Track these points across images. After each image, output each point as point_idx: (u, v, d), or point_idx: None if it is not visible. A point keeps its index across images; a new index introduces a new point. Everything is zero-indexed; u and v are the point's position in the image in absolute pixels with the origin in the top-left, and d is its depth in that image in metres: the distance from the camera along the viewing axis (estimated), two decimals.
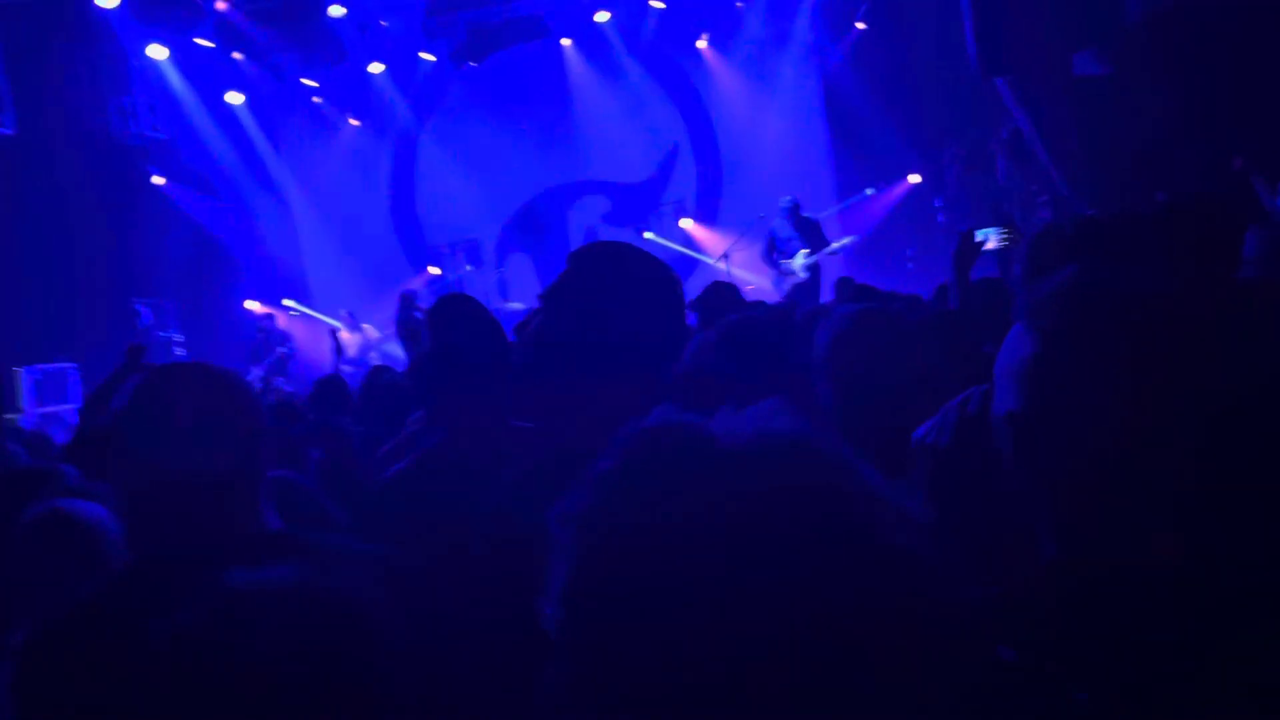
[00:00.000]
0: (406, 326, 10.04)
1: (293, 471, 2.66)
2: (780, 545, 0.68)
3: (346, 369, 10.74)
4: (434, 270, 14.63)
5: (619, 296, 1.70)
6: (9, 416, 10.26)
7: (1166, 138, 7.43)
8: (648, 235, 13.63)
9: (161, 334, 13.26)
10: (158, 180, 13.68)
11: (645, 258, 1.81)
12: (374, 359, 11.26)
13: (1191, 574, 1.00)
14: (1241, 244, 2.33)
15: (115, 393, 3.86)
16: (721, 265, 11.13)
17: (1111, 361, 1.02)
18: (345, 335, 12.22)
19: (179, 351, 13.18)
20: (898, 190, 12.96)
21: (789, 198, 10.56)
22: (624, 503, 0.72)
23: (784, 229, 10.47)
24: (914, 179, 12.79)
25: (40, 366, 10.96)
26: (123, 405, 1.60)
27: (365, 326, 12.45)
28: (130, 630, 1.03)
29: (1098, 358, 1.03)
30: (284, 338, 12.41)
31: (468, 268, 14.34)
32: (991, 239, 5.01)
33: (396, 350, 11.06)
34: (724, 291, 4.34)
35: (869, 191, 12.79)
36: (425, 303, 12.14)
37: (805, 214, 10.54)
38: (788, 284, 10.24)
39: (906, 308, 3.87)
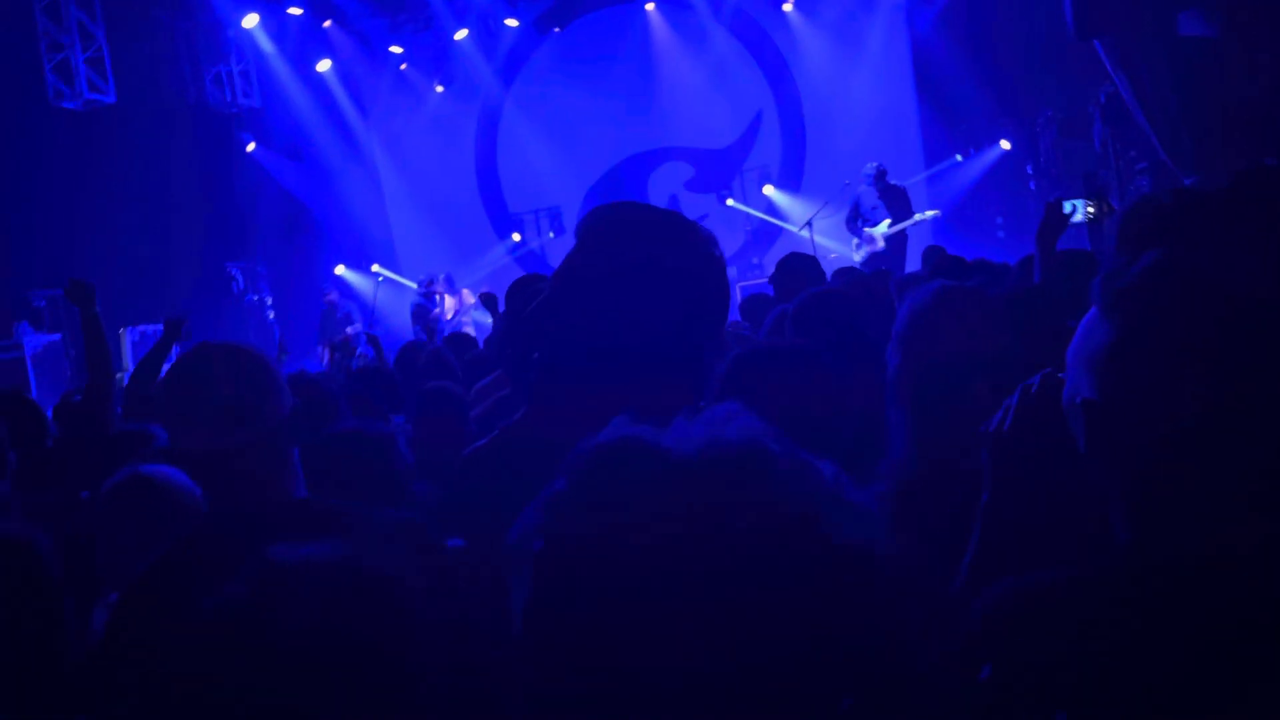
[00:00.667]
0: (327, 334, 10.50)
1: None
2: (733, 553, 0.69)
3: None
4: (516, 237, 14.75)
5: (645, 279, 1.41)
6: (116, 375, 10.69)
7: (1277, 101, 7.07)
8: (730, 202, 13.52)
9: (253, 297, 13.65)
10: (251, 147, 14.04)
11: (671, 223, 1.51)
12: (467, 324, 11.42)
13: (1267, 563, 0.98)
14: None
15: (158, 363, 3.98)
16: (804, 233, 10.97)
17: (1192, 353, 1.01)
18: (447, 299, 12.36)
19: (270, 315, 13.57)
20: (988, 157, 12.60)
21: (875, 164, 10.35)
22: (576, 519, 0.74)
23: (869, 196, 10.28)
24: (1005, 145, 12.40)
25: (140, 327, 11.39)
26: (162, 379, 1.70)
27: (463, 291, 12.58)
28: (183, 601, 1.08)
29: (1179, 349, 1.02)
30: (349, 317, 12.47)
31: (550, 234, 14.42)
32: (1080, 210, 4.83)
33: (485, 317, 11.21)
34: (801, 263, 4.27)
35: (958, 158, 12.46)
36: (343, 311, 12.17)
37: (892, 181, 10.32)
38: (869, 253, 10.07)
39: (990, 280, 3.76)
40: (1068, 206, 3.62)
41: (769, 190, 13.83)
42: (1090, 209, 3.64)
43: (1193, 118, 8.02)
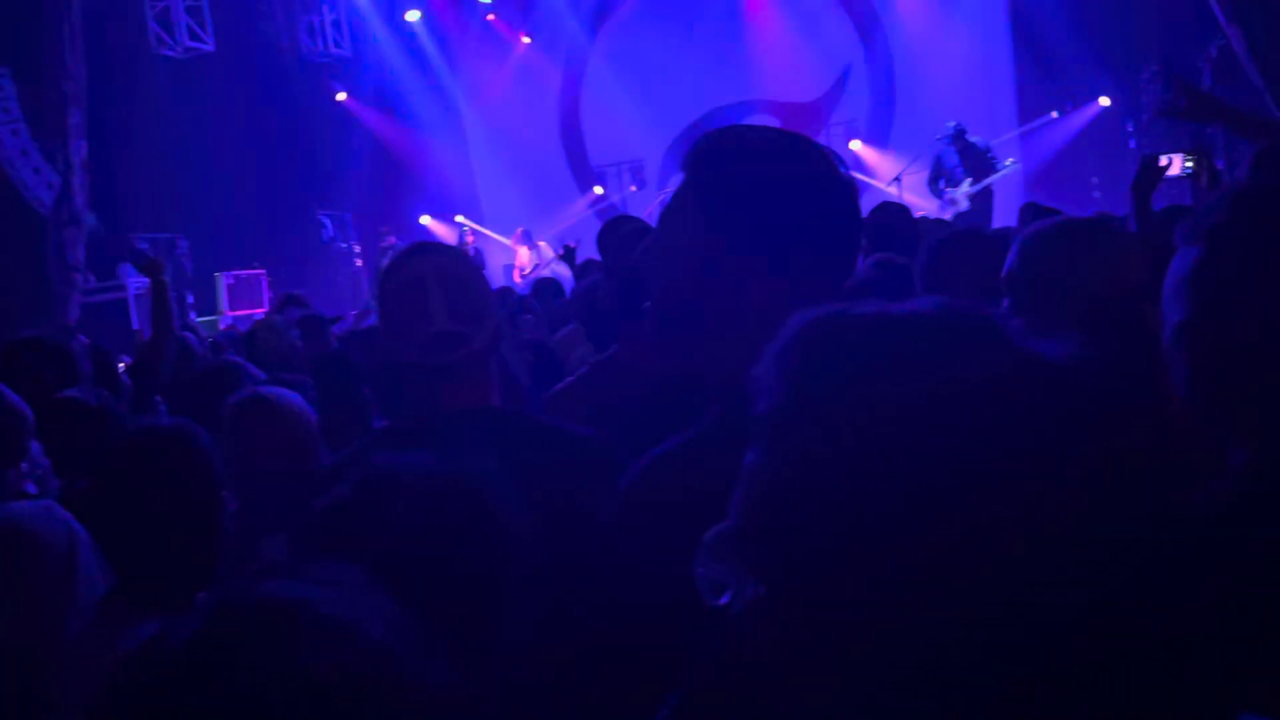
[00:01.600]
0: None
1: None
2: (995, 403, 0.67)
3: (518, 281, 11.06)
4: (598, 190, 14.77)
5: (769, 203, 1.25)
6: (212, 318, 11.08)
7: None
8: None
9: (342, 245, 13.94)
10: (341, 97, 14.27)
11: (790, 143, 1.33)
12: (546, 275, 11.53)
13: None
14: None
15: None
16: (892, 190, 10.78)
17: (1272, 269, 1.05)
18: (523, 252, 12.49)
19: (358, 263, 13.85)
20: (1086, 114, 12.18)
21: (953, 123, 10.11)
22: (823, 384, 0.71)
23: (949, 156, 10.06)
24: (1104, 102, 11.98)
25: (235, 272, 11.74)
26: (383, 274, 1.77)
27: (541, 244, 12.69)
28: (320, 497, 1.20)
29: (1260, 266, 1.06)
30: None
31: (632, 188, 14.41)
32: (1176, 162, 4.66)
33: (565, 270, 11.27)
34: (894, 212, 4.22)
35: (1054, 114, 12.07)
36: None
37: (972, 139, 10.08)
38: (954, 214, 9.87)
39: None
40: (1165, 159, 3.50)
41: (856, 145, 13.60)
42: (1189, 163, 3.50)
43: None
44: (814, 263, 1.25)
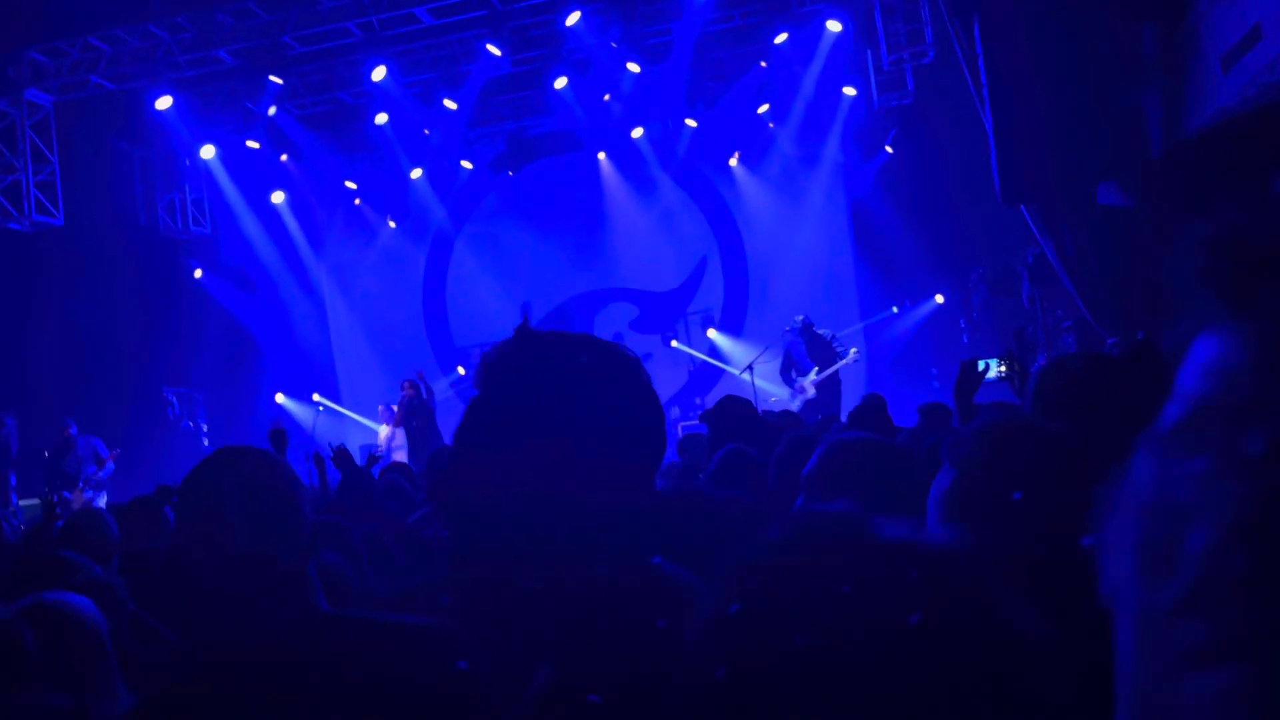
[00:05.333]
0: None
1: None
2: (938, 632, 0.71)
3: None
4: (461, 370, 14.79)
5: (564, 420, 1.20)
6: (36, 501, 10.34)
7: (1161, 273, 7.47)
8: (674, 344, 13.76)
9: (188, 423, 13.42)
10: (198, 274, 14.06)
11: (587, 349, 1.29)
12: (397, 453, 11.34)
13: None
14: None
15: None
16: (745, 376, 11.19)
17: (1012, 488, 1.29)
18: (383, 430, 12.25)
19: (205, 442, 13.33)
20: (923, 310, 13.07)
21: (801, 316, 10.79)
22: (775, 587, 0.75)
23: (798, 346, 10.65)
24: (939, 300, 12.90)
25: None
26: (181, 486, 1.65)
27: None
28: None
29: (1002, 486, 1.30)
30: (86, 455, 10.58)
31: None
32: (993, 368, 5.03)
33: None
34: (736, 405, 4.36)
35: (894, 310, 12.91)
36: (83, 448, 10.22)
37: (819, 331, 10.70)
38: (803, 400, 10.33)
39: (909, 440, 3.90)
40: (981, 365, 3.81)
41: (712, 333, 14.14)
42: (1002, 367, 3.85)
43: (1112, 281, 8.45)
44: (615, 474, 1.19)
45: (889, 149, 13.16)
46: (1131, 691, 0.53)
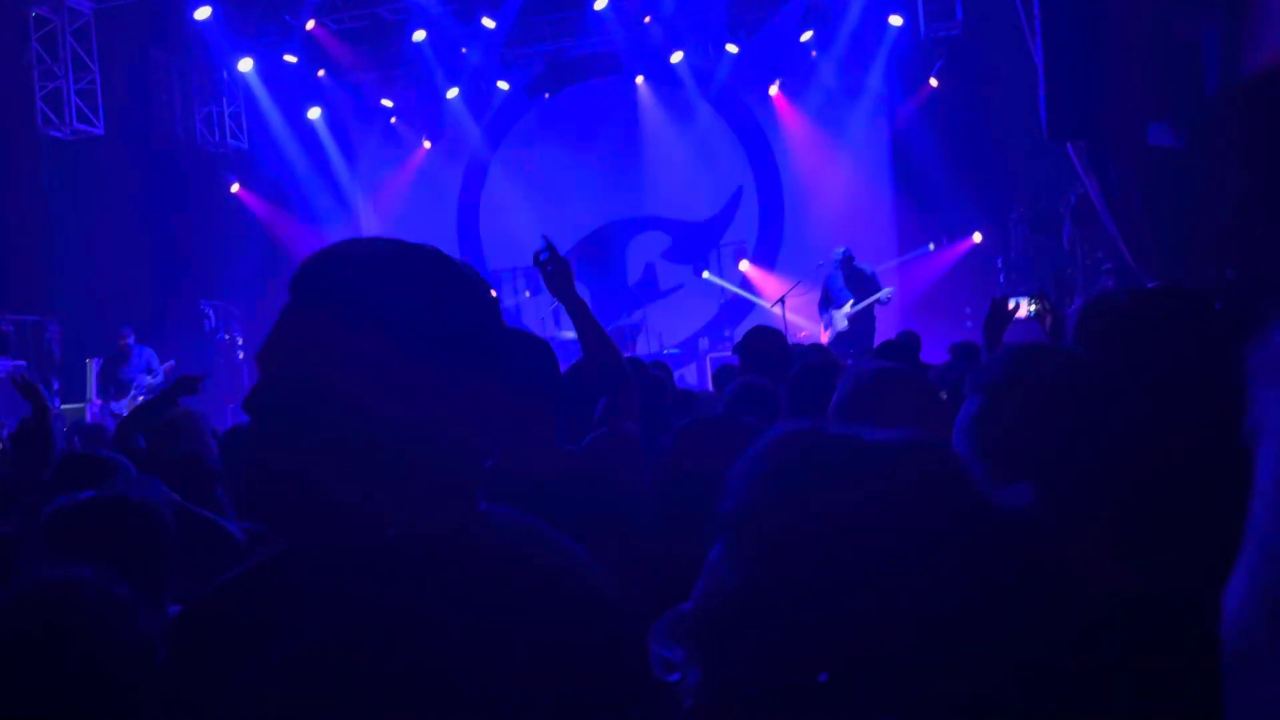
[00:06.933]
0: None
1: None
2: (920, 527, 0.73)
3: None
4: (493, 294, 14.79)
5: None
6: (79, 405, 10.58)
7: (1241, 216, 7.31)
8: (706, 275, 13.70)
9: (224, 336, 13.58)
10: (235, 188, 14.11)
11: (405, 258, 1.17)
12: None
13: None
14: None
15: (158, 412, 3.97)
16: (776, 310, 11.14)
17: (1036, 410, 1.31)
18: None
19: (240, 355, 13.49)
20: (960, 247, 12.90)
21: (843, 249, 10.61)
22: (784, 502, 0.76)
23: (836, 280, 10.53)
24: (977, 238, 12.72)
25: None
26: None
27: None
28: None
29: (1029, 408, 1.31)
30: (143, 368, 11.11)
31: (525, 294, 14.50)
32: (1024, 305, 4.98)
33: None
34: (766, 336, 4.36)
35: (930, 247, 12.75)
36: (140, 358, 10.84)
37: (859, 265, 10.56)
38: (834, 334, 10.28)
39: (937, 376, 3.89)
40: (1013, 302, 3.77)
41: (744, 265, 14.05)
42: (1034, 306, 3.83)
43: (1157, 225, 8.28)
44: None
45: (934, 81, 12.87)
46: (1261, 537, 0.55)
